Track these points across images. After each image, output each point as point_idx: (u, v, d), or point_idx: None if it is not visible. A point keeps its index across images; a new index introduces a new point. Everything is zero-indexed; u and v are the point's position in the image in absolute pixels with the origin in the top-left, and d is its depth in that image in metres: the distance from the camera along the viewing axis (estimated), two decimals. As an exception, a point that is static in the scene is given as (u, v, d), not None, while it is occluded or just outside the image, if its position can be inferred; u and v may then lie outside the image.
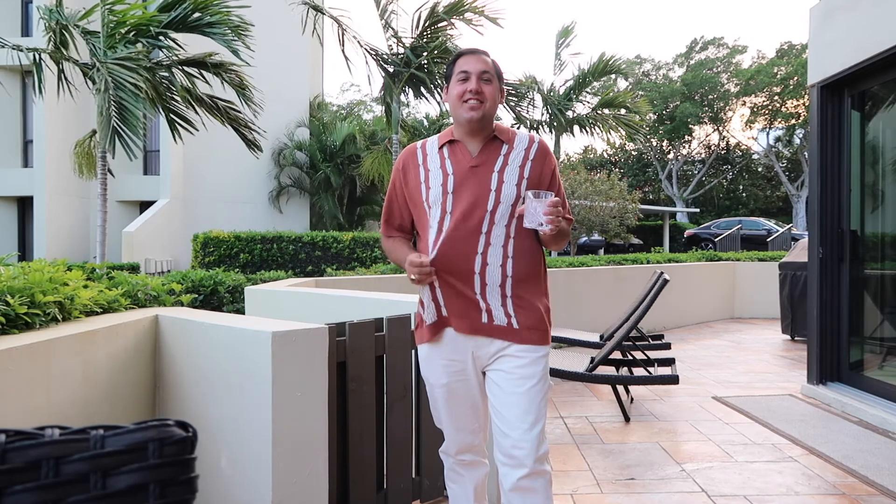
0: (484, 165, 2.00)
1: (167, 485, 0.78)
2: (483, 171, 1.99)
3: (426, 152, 2.08)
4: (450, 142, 2.06)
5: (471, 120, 1.98)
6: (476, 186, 1.98)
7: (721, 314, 9.90)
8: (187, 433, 0.81)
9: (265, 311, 4.27)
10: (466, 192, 1.97)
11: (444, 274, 1.98)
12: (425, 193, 2.03)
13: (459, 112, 1.99)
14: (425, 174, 2.04)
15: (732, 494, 3.09)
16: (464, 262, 1.96)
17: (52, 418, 1.92)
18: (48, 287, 2.19)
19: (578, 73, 12.16)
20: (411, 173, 2.08)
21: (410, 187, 2.08)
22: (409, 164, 2.10)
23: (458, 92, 1.99)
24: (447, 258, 1.97)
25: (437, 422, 2.17)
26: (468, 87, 1.97)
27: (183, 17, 8.35)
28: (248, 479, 2.12)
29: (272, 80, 13.84)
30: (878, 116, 4.91)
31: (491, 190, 1.97)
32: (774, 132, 33.37)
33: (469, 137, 2.03)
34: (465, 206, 1.97)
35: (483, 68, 2.00)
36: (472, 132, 2.02)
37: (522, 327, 1.99)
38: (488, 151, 2.03)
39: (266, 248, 11.97)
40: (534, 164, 2.04)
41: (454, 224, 1.96)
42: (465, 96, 1.97)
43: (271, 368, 2.06)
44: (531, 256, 2.02)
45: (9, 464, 0.72)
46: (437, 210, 1.98)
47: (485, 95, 1.98)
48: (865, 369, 4.88)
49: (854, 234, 4.89)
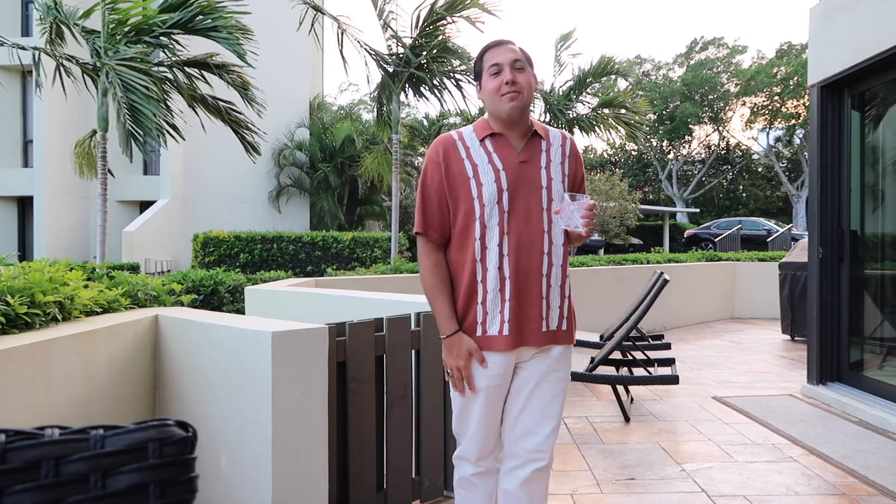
0: (531, 162, 1.93)
1: (167, 485, 0.78)
2: (532, 167, 1.93)
3: (467, 144, 1.95)
4: (491, 135, 1.95)
5: (511, 111, 1.89)
6: (529, 184, 1.91)
7: (721, 314, 9.90)
8: (187, 433, 0.81)
9: (265, 311, 4.28)
10: (521, 189, 1.90)
11: (515, 279, 1.88)
12: (476, 190, 1.90)
13: (498, 106, 1.91)
14: (473, 168, 1.91)
15: (732, 494, 3.09)
16: (534, 265, 1.89)
17: (52, 418, 1.92)
18: (48, 287, 2.19)
19: (578, 74, 12.17)
20: (455, 167, 1.93)
21: (455, 182, 1.93)
22: (450, 157, 1.94)
23: (493, 86, 1.91)
24: (518, 261, 1.88)
25: (460, 427, 2.00)
26: (503, 79, 1.89)
27: (187, 19, 8.35)
28: (248, 479, 2.12)
29: (272, 81, 13.84)
30: (878, 116, 4.91)
31: (542, 187, 1.92)
32: (774, 132, 33.38)
33: (509, 131, 1.95)
34: (525, 205, 1.90)
35: (514, 57, 1.93)
36: (513, 124, 1.94)
37: (570, 329, 1.99)
38: (532, 147, 1.96)
39: (266, 248, 11.97)
40: (570, 163, 2.01)
41: (519, 224, 1.88)
42: (503, 89, 1.89)
43: (271, 368, 2.06)
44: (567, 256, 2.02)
45: (9, 464, 0.72)
46: (494, 209, 1.87)
47: (521, 85, 1.90)
48: (865, 369, 4.88)
49: (854, 234, 4.89)
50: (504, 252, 1.88)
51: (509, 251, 1.88)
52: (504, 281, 1.89)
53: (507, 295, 1.89)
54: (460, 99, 10.74)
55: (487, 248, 1.89)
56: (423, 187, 1.98)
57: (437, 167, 1.94)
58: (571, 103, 12.17)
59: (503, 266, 1.88)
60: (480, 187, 1.89)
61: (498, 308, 1.89)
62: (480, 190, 1.89)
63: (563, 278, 1.97)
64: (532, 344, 1.91)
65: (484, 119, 2.00)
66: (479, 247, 1.89)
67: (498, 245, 1.88)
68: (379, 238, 12.42)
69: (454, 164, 1.93)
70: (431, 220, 1.96)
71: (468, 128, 2.01)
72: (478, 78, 2.00)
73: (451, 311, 1.94)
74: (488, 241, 1.89)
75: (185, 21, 8.37)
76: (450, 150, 1.94)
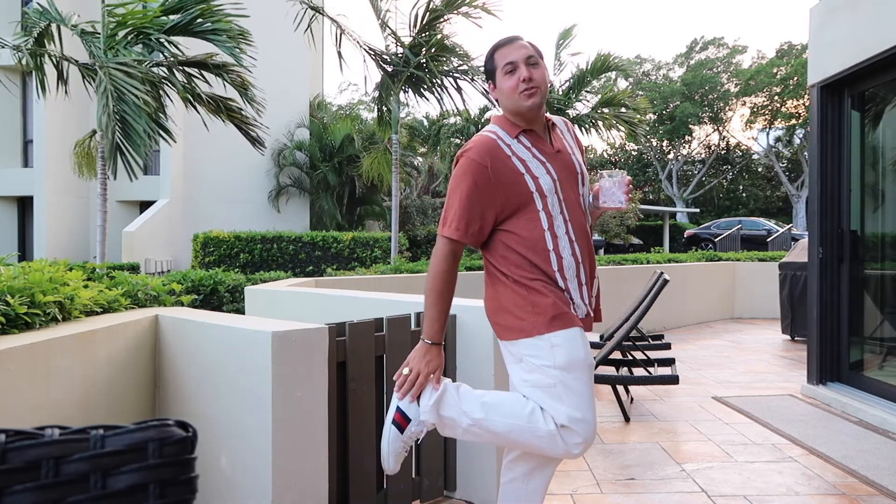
0: (562, 151, 2.02)
1: (167, 485, 0.78)
2: (565, 155, 2.01)
3: (507, 143, 1.97)
4: (524, 130, 1.99)
5: (532, 107, 1.94)
6: (568, 171, 1.99)
7: (721, 314, 9.90)
8: (187, 433, 0.81)
9: (265, 311, 4.27)
10: (565, 177, 1.97)
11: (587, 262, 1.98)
12: (533, 183, 1.93)
13: (518, 103, 1.94)
14: (523, 164, 1.95)
15: (732, 494, 3.09)
16: (589, 248, 2.00)
17: (52, 418, 1.92)
18: (48, 287, 2.19)
19: (577, 73, 12.16)
20: (504, 167, 1.93)
21: (507, 181, 1.92)
22: (497, 158, 1.93)
23: (510, 85, 1.94)
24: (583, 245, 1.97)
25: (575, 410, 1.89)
26: (520, 77, 1.92)
27: (186, 22, 8.34)
28: (248, 479, 2.12)
29: (272, 80, 13.84)
30: (878, 116, 4.91)
31: (578, 173, 2.01)
32: (774, 132, 33.39)
33: (534, 125, 2.00)
34: (572, 192, 1.98)
35: (527, 53, 1.95)
36: (535, 119, 1.99)
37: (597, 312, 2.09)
38: (556, 137, 2.05)
39: (266, 248, 11.97)
40: (577, 145, 2.12)
41: (574, 210, 1.96)
42: (520, 87, 1.92)
43: (271, 368, 2.06)
44: None
45: (9, 464, 0.72)
46: (554, 199, 1.93)
47: (537, 80, 1.94)
48: (865, 369, 4.88)
49: (854, 234, 4.89)
50: (572, 237, 1.95)
51: (576, 237, 1.95)
52: (579, 266, 1.96)
53: (583, 279, 1.98)
54: (459, 99, 10.71)
55: (558, 237, 1.93)
56: (467, 192, 1.92)
57: (484, 171, 1.91)
58: (571, 102, 12.16)
59: (575, 251, 1.95)
60: (537, 180, 1.93)
61: (578, 293, 1.96)
62: (538, 182, 1.93)
63: (595, 263, 2.08)
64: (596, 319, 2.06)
65: (502, 117, 2.03)
66: (549, 237, 1.93)
67: (566, 233, 1.94)
68: (379, 238, 12.42)
69: (502, 165, 1.93)
70: (472, 227, 1.94)
71: (493, 128, 2.01)
72: (490, 77, 2.02)
73: (444, 321, 1.98)
74: (556, 229, 1.93)
75: (185, 24, 8.37)
76: (495, 153, 1.94)
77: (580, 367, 1.92)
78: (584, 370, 1.93)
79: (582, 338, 1.95)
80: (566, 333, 1.91)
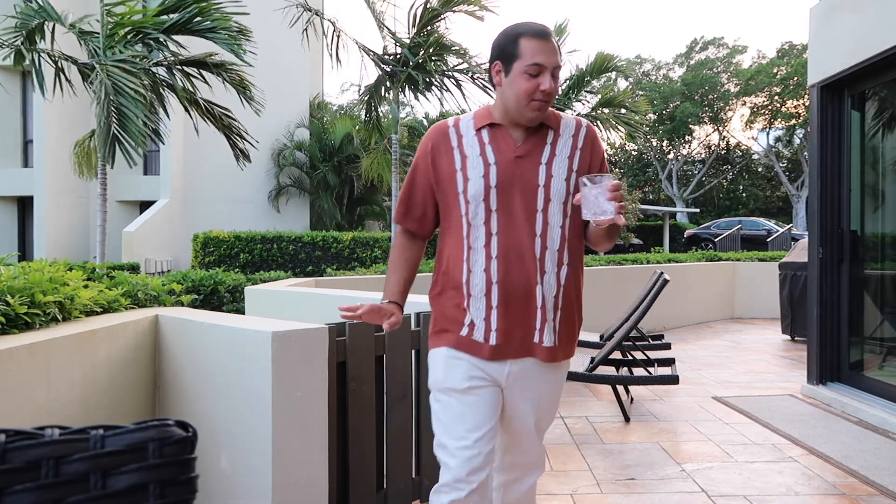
0: (529, 156, 1.73)
1: (167, 485, 0.78)
2: (529, 162, 1.72)
3: (461, 133, 1.77)
4: (490, 125, 1.76)
5: (535, 120, 1.72)
6: (523, 181, 1.71)
7: (721, 314, 9.90)
8: (187, 433, 0.81)
9: (265, 311, 4.27)
10: (513, 186, 1.70)
11: (502, 286, 1.71)
12: (462, 185, 1.73)
13: (522, 111, 1.70)
14: (462, 161, 1.74)
15: (732, 494, 3.09)
16: (523, 272, 1.70)
17: (52, 418, 1.92)
18: (48, 287, 2.19)
19: (577, 73, 12.15)
20: (443, 157, 1.77)
21: (442, 174, 1.77)
22: (440, 146, 1.78)
23: (526, 88, 1.66)
24: (506, 266, 1.70)
25: (442, 437, 1.74)
26: (541, 87, 1.67)
27: (184, 21, 8.34)
28: (249, 479, 2.12)
29: (272, 80, 13.84)
30: (878, 116, 4.91)
31: (539, 186, 1.71)
32: (774, 132, 33.39)
33: (514, 124, 1.75)
34: (515, 204, 1.71)
35: (557, 62, 1.69)
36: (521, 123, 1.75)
37: (564, 344, 1.79)
38: (534, 140, 1.75)
39: (266, 248, 11.96)
40: (583, 153, 1.78)
41: (506, 226, 1.70)
42: (536, 96, 1.67)
43: (271, 368, 2.06)
44: (580, 261, 1.81)
45: (9, 464, 0.72)
46: (480, 207, 1.71)
47: (551, 95, 1.69)
48: (865, 369, 4.88)
49: (854, 234, 4.89)
50: (492, 254, 1.71)
51: (498, 254, 1.70)
52: (491, 286, 1.71)
53: (493, 301, 1.72)
54: (461, 98, 10.71)
55: (473, 249, 1.73)
56: (410, 176, 1.85)
57: (426, 157, 1.80)
58: (570, 102, 12.16)
59: (490, 269, 1.71)
60: (466, 182, 1.72)
61: (482, 314, 1.73)
62: (466, 185, 1.72)
63: (560, 288, 1.76)
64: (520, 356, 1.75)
65: (488, 107, 1.81)
66: (465, 247, 1.74)
67: (484, 246, 1.72)
68: (379, 238, 12.42)
69: (443, 155, 1.77)
70: (411, 211, 1.86)
71: (469, 114, 1.83)
72: (504, 59, 1.71)
73: (401, 288, 1.87)
74: (473, 241, 1.73)
75: (184, 22, 8.37)
76: (440, 140, 1.79)
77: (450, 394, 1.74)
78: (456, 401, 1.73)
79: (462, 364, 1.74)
80: (440, 352, 1.78)
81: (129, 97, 7.59)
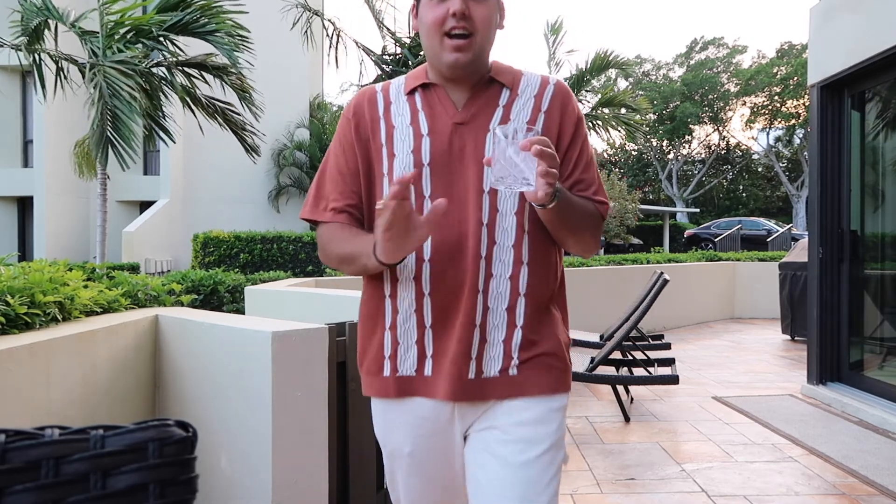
0: (474, 122, 1.29)
1: (167, 485, 0.78)
2: (472, 130, 1.28)
3: (389, 100, 1.35)
4: (423, 85, 1.33)
5: (454, 66, 1.25)
6: (464, 155, 1.27)
7: (721, 314, 9.90)
8: (187, 433, 0.82)
9: (265, 311, 4.28)
10: (451, 163, 1.27)
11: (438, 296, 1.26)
12: (387, 163, 1.31)
13: (438, 53, 1.26)
14: (387, 132, 1.32)
15: (732, 494, 3.09)
16: (457, 274, 1.25)
17: (52, 418, 1.92)
18: (48, 287, 2.19)
19: (576, 72, 12.14)
20: (366, 128, 1.34)
21: (365, 150, 1.34)
22: (363, 114, 1.35)
23: (433, 19, 1.24)
24: (444, 268, 1.26)
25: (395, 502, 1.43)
26: (450, 9, 1.22)
27: (185, 22, 8.35)
28: (249, 479, 2.12)
29: (272, 81, 13.86)
30: (878, 116, 4.91)
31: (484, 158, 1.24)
32: (774, 132, 33.43)
33: (452, 82, 1.31)
34: (456, 186, 1.27)
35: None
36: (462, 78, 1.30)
37: (532, 370, 1.29)
38: (481, 101, 1.30)
39: (266, 248, 11.97)
40: (549, 117, 1.31)
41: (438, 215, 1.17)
42: (448, 25, 1.22)
43: (271, 368, 2.06)
44: (549, 261, 1.32)
45: (9, 464, 0.72)
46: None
47: (475, 24, 1.23)
48: (865, 369, 4.88)
49: (854, 234, 4.89)
50: (423, 255, 1.26)
51: (431, 254, 1.26)
52: (422, 297, 1.27)
53: (426, 317, 1.27)
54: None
55: None
56: (327, 158, 1.40)
57: (347, 125, 1.36)
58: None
59: (422, 275, 1.26)
60: (392, 159, 1.30)
61: (414, 337, 1.29)
62: (392, 163, 1.30)
63: (518, 297, 1.27)
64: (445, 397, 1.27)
65: (424, 65, 1.37)
66: None
67: None
68: (379, 238, 12.42)
69: (366, 125, 1.34)
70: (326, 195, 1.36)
71: (401, 77, 1.41)
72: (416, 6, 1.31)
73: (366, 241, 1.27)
74: None
75: (184, 23, 8.37)
76: (364, 106, 1.35)
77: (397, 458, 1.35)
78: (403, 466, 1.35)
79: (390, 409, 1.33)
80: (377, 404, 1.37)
81: (123, 100, 7.59)
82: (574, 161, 1.33)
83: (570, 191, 1.31)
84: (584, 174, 1.34)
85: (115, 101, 7.60)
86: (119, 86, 7.63)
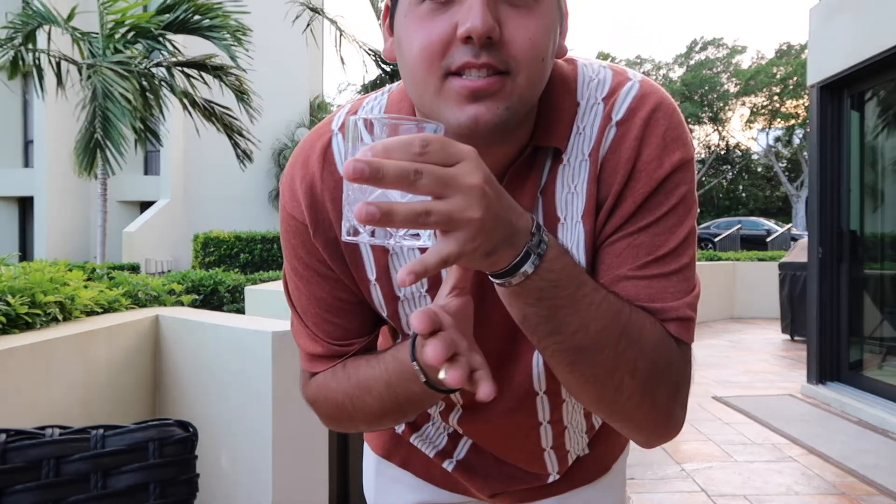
0: None
1: (168, 484, 0.79)
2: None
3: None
4: None
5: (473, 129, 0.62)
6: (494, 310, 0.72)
7: (721, 314, 9.90)
8: (188, 433, 0.82)
9: (265, 310, 4.27)
10: (480, 294, 0.71)
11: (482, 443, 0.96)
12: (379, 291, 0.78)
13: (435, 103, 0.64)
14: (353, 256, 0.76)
15: (732, 494, 3.09)
16: (520, 438, 0.91)
17: (53, 418, 1.92)
18: (49, 287, 2.19)
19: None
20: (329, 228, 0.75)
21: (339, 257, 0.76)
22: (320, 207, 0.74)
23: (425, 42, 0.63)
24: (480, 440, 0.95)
25: None
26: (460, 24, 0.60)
27: (184, 20, 8.34)
28: (249, 479, 2.12)
29: (272, 81, 13.85)
30: (878, 117, 4.92)
31: None
32: (774, 132, 33.42)
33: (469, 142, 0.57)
34: (487, 331, 0.73)
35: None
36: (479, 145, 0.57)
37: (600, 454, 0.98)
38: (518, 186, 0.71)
39: (266, 248, 11.96)
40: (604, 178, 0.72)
41: (474, 420, 0.90)
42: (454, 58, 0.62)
43: (271, 368, 2.06)
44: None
45: (9, 463, 0.72)
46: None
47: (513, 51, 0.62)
48: (865, 369, 4.88)
49: (854, 234, 4.89)
50: (451, 420, 0.93)
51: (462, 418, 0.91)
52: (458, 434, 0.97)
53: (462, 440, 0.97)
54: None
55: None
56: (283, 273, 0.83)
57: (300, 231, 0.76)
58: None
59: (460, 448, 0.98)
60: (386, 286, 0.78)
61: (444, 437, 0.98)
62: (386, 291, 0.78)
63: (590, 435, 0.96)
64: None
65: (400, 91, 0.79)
66: None
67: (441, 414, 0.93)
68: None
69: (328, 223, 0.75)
70: (317, 335, 0.80)
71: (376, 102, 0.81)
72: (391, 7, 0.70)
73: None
74: None
75: (183, 20, 8.36)
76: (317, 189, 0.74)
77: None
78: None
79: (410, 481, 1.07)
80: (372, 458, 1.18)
81: (116, 102, 7.58)
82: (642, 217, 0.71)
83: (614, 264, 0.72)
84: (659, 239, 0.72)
85: (108, 102, 7.59)
86: (113, 87, 7.61)
